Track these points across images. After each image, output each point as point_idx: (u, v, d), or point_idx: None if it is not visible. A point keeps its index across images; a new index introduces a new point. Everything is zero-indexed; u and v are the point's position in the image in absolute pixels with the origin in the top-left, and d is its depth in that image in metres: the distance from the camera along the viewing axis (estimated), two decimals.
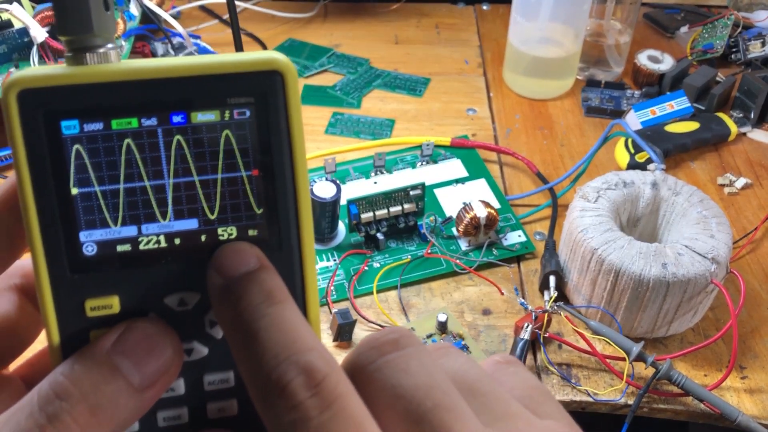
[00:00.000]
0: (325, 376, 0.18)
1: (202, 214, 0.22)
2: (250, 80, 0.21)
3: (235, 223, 0.22)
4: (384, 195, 0.60)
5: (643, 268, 0.50)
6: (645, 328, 0.53)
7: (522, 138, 0.76)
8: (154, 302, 0.22)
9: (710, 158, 0.73)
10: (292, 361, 0.19)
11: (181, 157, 0.21)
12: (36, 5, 0.70)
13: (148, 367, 0.21)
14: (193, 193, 0.22)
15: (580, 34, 0.78)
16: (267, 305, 0.20)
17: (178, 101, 0.21)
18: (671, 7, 0.96)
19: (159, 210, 0.21)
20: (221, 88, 0.21)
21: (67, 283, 0.21)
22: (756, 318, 0.57)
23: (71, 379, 0.20)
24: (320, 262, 0.60)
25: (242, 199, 0.22)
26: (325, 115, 0.78)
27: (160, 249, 0.22)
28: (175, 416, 0.23)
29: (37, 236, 0.21)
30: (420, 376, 0.19)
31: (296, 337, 0.19)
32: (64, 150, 0.20)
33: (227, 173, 0.22)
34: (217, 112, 0.21)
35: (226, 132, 0.21)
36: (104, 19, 0.20)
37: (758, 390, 0.51)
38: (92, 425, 0.19)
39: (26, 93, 0.20)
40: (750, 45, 0.84)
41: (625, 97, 0.81)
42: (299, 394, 0.18)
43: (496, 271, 0.60)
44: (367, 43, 0.91)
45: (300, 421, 0.18)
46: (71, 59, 0.20)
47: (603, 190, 0.56)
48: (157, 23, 0.77)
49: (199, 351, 0.22)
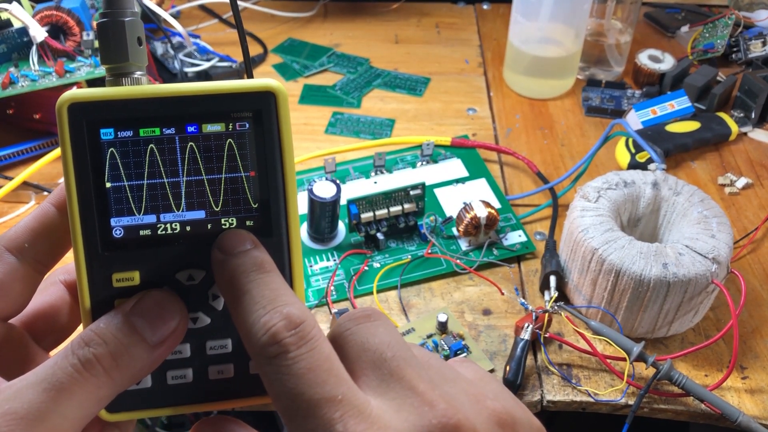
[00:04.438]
0: (303, 322, 0.24)
1: (208, 206, 0.27)
2: (250, 99, 0.26)
3: (235, 215, 0.27)
4: (384, 195, 0.60)
5: (643, 268, 0.50)
6: (646, 328, 0.53)
7: (522, 138, 0.75)
8: (168, 277, 0.27)
9: (711, 158, 0.73)
10: (277, 310, 0.24)
11: (193, 160, 0.26)
12: (35, 5, 0.70)
13: (159, 328, 0.25)
14: (202, 189, 0.26)
15: (580, 33, 0.78)
16: (257, 273, 0.25)
17: (192, 115, 0.26)
18: (672, 7, 0.96)
19: (174, 202, 0.26)
20: (226, 105, 0.26)
21: (98, 260, 0.26)
22: (757, 318, 0.57)
23: (98, 332, 0.25)
24: (320, 262, 0.60)
25: (241, 195, 0.27)
26: (325, 114, 0.78)
27: (174, 234, 0.27)
28: (181, 375, 0.27)
29: (77, 220, 0.26)
30: (384, 337, 0.25)
31: (280, 294, 0.25)
32: (101, 151, 0.26)
33: (230, 174, 0.26)
34: (222, 124, 0.26)
35: (229, 140, 0.26)
36: (138, 52, 0.27)
37: (759, 390, 0.51)
38: (113, 368, 0.24)
39: (75, 106, 0.25)
40: (751, 44, 0.84)
41: (625, 97, 0.80)
42: (281, 334, 0.23)
43: (497, 271, 0.60)
44: (367, 43, 0.91)
45: (282, 354, 0.23)
46: (111, 81, 0.26)
47: (603, 190, 0.56)
48: (156, 23, 0.77)
49: (203, 320, 0.27)
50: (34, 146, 0.69)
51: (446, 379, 0.25)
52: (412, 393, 0.23)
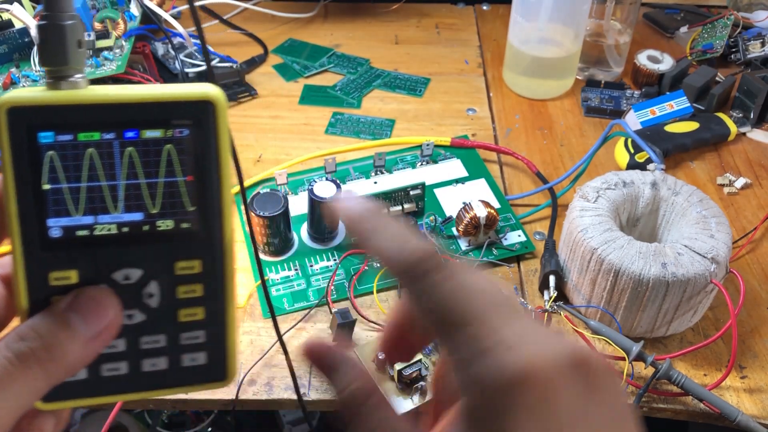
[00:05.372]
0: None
1: (146, 208, 0.27)
2: (189, 107, 0.26)
3: (172, 217, 0.28)
4: (384, 195, 0.60)
5: (642, 268, 0.50)
6: (644, 327, 0.54)
7: (522, 138, 0.76)
8: (104, 276, 0.28)
9: (710, 158, 0.73)
10: (416, 240, 0.25)
11: (131, 164, 0.27)
12: (36, 5, 0.70)
13: (93, 323, 0.27)
14: (140, 192, 0.27)
15: (579, 34, 0.78)
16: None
17: (132, 121, 0.26)
18: (671, 8, 0.96)
19: (112, 204, 0.27)
20: (166, 112, 0.26)
21: (36, 259, 0.27)
22: (755, 318, 0.57)
23: (33, 327, 0.26)
24: (320, 262, 0.60)
25: (178, 199, 0.28)
26: (325, 115, 0.78)
27: (111, 235, 0.27)
28: (115, 368, 0.29)
29: (15, 221, 0.26)
30: (489, 281, 0.25)
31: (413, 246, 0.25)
32: (40, 154, 0.26)
33: (167, 178, 0.27)
34: (162, 130, 0.27)
35: (168, 146, 0.27)
36: (77, 55, 0.26)
37: (758, 389, 0.52)
38: (48, 361, 0.25)
39: (14, 110, 0.25)
40: (749, 45, 0.84)
41: (624, 97, 0.81)
42: (428, 257, 0.24)
43: (496, 270, 0.60)
44: (368, 43, 0.91)
45: (430, 273, 0.24)
46: (50, 84, 0.26)
47: (603, 190, 0.56)
48: (157, 23, 0.77)
49: (138, 317, 0.28)
50: None
51: None
52: (539, 326, 0.23)
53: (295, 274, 0.59)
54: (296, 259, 0.60)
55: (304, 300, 0.57)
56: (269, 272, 0.59)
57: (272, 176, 0.68)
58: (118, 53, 0.71)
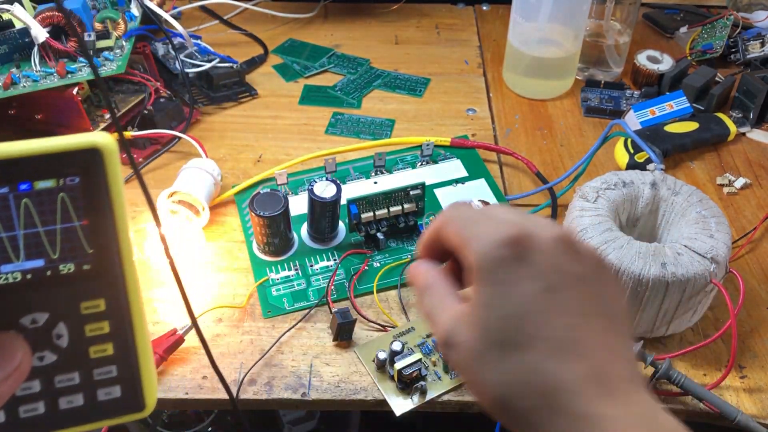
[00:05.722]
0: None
1: (47, 255, 0.29)
2: (78, 156, 0.28)
3: (72, 261, 0.29)
4: (384, 195, 0.60)
5: (642, 268, 0.50)
6: (644, 327, 0.54)
7: (522, 138, 0.76)
8: (12, 322, 0.29)
9: (709, 158, 0.73)
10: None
11: (28, 215, 0.28)
12: (37, 6, 0.70)
13: (1, 366, 0.28)
14: (39, 240, 0.28)
15: (579, 34, 0.78)
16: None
17: (24, 174, 0.27)
18: (671, 8, 0.96)
19: (13, 254, 0.28)
20: (56, 162, 0.28)
21: None
22: (755, 317, 0.57)
23: None
24: (320, 262, 0.60)
25: (76, 243, 0.29)
26: (325, 115, 0.78)
27: (16, 282, 0.28)
28: (32, 408, 0.30)
29: None
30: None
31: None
32: None
33: (64, 224, 0.28)
34: (54, 180, 0.28)
35: (61, 194, 0.28)
36: None
37: (757, 389, 0.52)
38: None
39: None
40: (749, 45, 0.84)
41: (624, 97, 0.81)
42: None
43: None
44: (368, 44, 0.91)
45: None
46: None
47: (602, 190, 0.56)
48: (157, 24, 0.77)
49: (50, 357, 0.30)
50: None
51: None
52: (488, 219, 0.33)
53: (295, 274, 0.59)
54: (296, 259, 0.60)
55: (304, 300, 0.57)
56: (269, 272, 0.59)
57: (272, 176, 0.68)
58: (119, 53, 0.71)
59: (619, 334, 0.32)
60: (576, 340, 0.31)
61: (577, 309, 0.32)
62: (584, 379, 0.30)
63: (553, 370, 0.30)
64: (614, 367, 0.31)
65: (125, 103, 0.72)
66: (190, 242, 0.60)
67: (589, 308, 0.32)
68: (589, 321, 0.32)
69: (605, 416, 0.29)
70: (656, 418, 0.31)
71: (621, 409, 0.30)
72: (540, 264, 0.31)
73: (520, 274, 0.31)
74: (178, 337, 0.53)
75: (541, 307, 0.31)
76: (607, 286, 0.33)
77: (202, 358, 0.53)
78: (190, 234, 0.60)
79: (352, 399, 0.51)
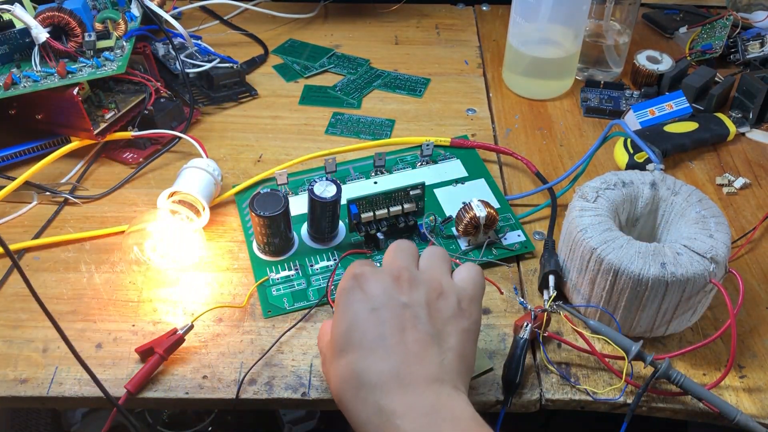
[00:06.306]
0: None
1: None
2: None
3: None
4: (384, 195, 0.60)
5: (641, 268, 0.50)
6: (644, 327, 0.54)
7: (521, 138, 0.76)
8: None
9: (709, 158, 0.73)
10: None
11: None
12: (37, 6, 0.70)
13: None
14: None
15: (579, 34, 0.78)
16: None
17: None
18: (670, 8, 0.96)
19: None
20: None
21: None
22: (755, 317, 0.57)
23: None
24: (321, 262, 0.60)
25: None
26: (325, 115, 0.78)
27: None
28: None
29: None
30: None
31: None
32: None
33: None
34: None
35: None
36: None
37: (757, 389, 0.52)
38: None
39: None
40: (749, 45, 0.84)
41: (624, 98, 0.81)
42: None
43: (496, 270, 0.61)
44: (368, 44, 0.91)
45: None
46: None
47: (602, 190, 0.56)
48: (158, 24, 0.77)
49: None
50: (36, 146, 0.70)
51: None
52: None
53: (295, 273, 0.59)
54: (296, 258, 0.61)
55: (304, 300, 0.57)
56: (269, 272, 0.59)
57: (272, 176, 0.68)
58: (119, 54, 0.71)
59: (429, 345, 0.41)
60: (386, 347, 0.41)
61: (395, 325, 0.41)
62: (386, 376, 0.40)
63: (365, 368, 0.40)
64: (415, 369, 0.40)
65: (125, 103, 0.72)
66: (191, 242, 0.60)
67: (405, 325, 0.42)
68: (403, 333, 0.41)
69: (398, 404, 0.39)
70: (444, 407, 0.39)
71: (411, 399, 0.39)
72: (371, 291, 0.43)
73: (356, 298, 0.43)
74: (178, 337, 0.53)
75: (364, 321, 0.42)
76: (434, 312, 0.43)
77: (202, 358, 0.53)
78: (190, 234, 0.60)
79: None
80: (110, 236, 0.63)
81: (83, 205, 0.67)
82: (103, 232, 0.63)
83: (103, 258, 0.61)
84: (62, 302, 0.57)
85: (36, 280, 0.59)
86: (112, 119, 0.70)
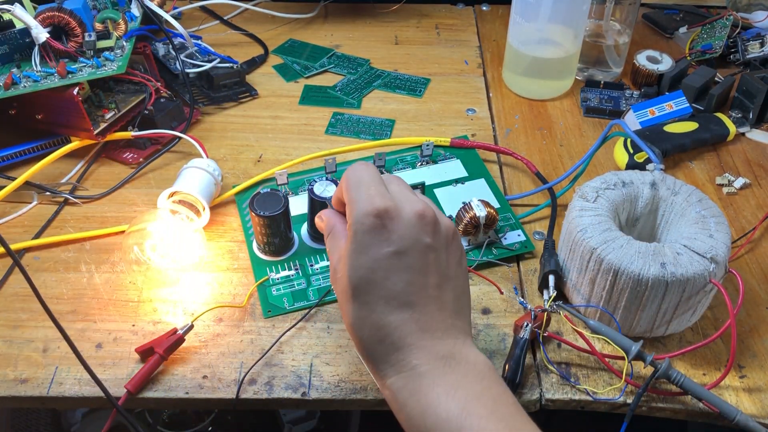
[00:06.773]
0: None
1: None
2: None
3: None
4: None
5: (641, 268, 0.50)
6: (644, 327, 0.54)
7: (521, 138, 0.76)
8: None
9: (709, 158, 0.73)
10: None
11: None
12: (37, 6, 0.70)
13: None
14: None
15: (579, 34, 0.78)
16: None
17: None
18: (670, 8, 0.96)
19: None
20: None
21: None
22: (754, 317, 0.57)
23: None
24: (321, 262, 0.60)
25: None
26: (325, 115, 0.78)
27: None
28: None
29: None
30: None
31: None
32: None
33: None
34: None
35: None
36: None
37: (757, 389, 0.52)
38: None
39: None
40: (748, 45, 0.84)
41: (624, 98, 0.81)
42: None
43: (496, 270, 0.61)
44: (368, 44, 0.91)
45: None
46: None
47: (602, 190, 0.56)
48: (158, 24, 0.77)
49: None
50: (36, 146, 0.70)
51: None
52: (367, 190, 0.42)
53: (296, 273, 0.59)
54: (296, 258, 0.61)
55: (304, 299, 0.57)
56: (269, 272, 0.60)
57: (272, 176, 0.68)
58: (119, 54, 0.71)
59: (445, 289, 0.42)
60: (408, 292, 0.40)
61: (418, 269, 0.41)
62: (408, 322, 0.40)
63: (385, 312, 0.40)
64: (435, 315, 0.41)
65: (126, 103, 0.72)
66: (191, 242, 0.60)
67: (429, 269, 0.41)
68: (425, 278, 0.41)
69: (416, 346, 0.40)
70: (460, 352, 0.41)
71: (430, 343, 0.40)
72: (395, 233, 0.41)
73: (379, 239, 0.41)
74: (178, 337, 0.53)
75: (387, 265, 0.40)
76: (450, 254, 0.43)
77: (202, 358, 0.53)
78: (190, 234, 0.60)
79: (352, 399, 0.51)
80: (110, 236, 0.63)
81: (83, 205, 0.67)
82: (103, 232, 0.63)
83: (104, 258, 0.61)
84: (62, 302, 0.57)
85: (36, 280, 0.59)
86: (112, 119, 0.70)
